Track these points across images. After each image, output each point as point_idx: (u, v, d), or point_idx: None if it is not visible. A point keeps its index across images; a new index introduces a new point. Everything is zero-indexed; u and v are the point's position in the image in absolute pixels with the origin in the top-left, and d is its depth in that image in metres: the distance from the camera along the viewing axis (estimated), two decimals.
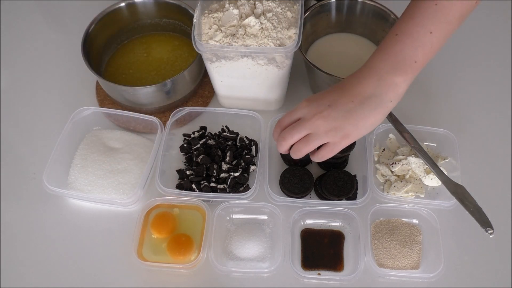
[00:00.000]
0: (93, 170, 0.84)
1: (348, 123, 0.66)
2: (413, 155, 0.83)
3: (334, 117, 0.66)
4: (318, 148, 0.70)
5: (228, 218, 0.81)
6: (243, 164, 0.84)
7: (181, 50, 0.98)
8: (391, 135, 0.87)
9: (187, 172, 0.84)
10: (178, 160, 0.88)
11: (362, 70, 0.67)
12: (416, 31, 0.64)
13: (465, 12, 0.65)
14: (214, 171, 0.83)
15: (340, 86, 0.69)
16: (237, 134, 0.89)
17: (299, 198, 0.81)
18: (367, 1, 0.91)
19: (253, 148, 0.88)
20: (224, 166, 0.84)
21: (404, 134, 0.80)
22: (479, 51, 1.02)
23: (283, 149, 0.71)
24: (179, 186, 0.84)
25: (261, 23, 0.78)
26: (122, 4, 0.95)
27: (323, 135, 0.67)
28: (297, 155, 0.70)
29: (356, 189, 0.82)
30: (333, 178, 0.80)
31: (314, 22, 0.92)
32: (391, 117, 0.82)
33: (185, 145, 0.88)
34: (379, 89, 0.65)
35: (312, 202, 0.81)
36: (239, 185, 0.83)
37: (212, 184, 0.82)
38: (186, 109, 0.89)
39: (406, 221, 0.80)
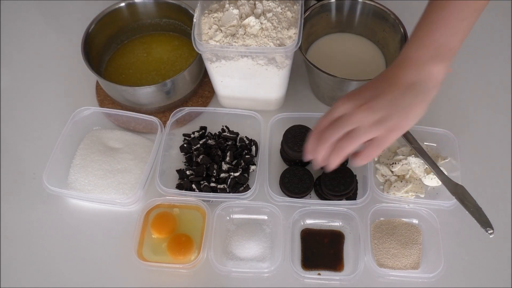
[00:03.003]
0: (93, 170, 0.84)
1: (395, 111, 0.63)
2: (413, 155, 0.83)
3: (380, 106, 0.63)
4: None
5: (228, 218, 0.81)
6: (243, 164, 0.84)
7: (181, 50, 0.98)
8: None
9: (187, 172, 0.84)
10: (178, 160, 0.88)
11: (400, 61, 0.66)
12: (450, 20, 0.64)
13: None
14: (214, 171, 0.83)
15: (379, 78, 0.67)
16: (237, 134, 0.89)
17: (299, 198, 0.81)
18: (367, 1, 0.91)
19: (253, 148, 0.88)
20: (224, 166, 0.84)
21: (404, 134, 0.80)
22: (479, 50, 1.02)
23: (323, 154, 0.65)
24: (179, 186, 0.84)
25: (261, 23, 0.78)
26: (122, 4, 0.95)
27: (369, 128, 0.62)
28: (338, 156, 0.64)
29: (356, 189, 0.82)
30: (331, 175, 0.80)
31: (314, 22, 0.92)
32: None
33: (185, 145, 0.88)
34: (420, 77, 0.64)
35: (312, 202, 0.81)
36: (239, 185, 0.83)
37: (212, 184, 0.82)
38: (186, 109, 0.89)
39: (406, 221, 0.80)
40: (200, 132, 0.90)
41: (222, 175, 0.83)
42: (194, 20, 0.81)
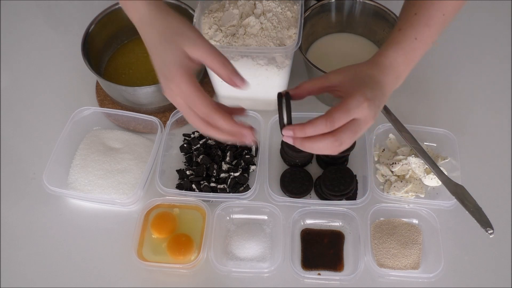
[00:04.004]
0: (93, 170, 0.84)
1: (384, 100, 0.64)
2: (413, 155, 0.83)
3: (378, 105, 0.62)
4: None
5: (228, 218, 0.81)
6: (243, 164, 0.84)
7: None
8: (391, 135, 0.87)
9: (187, 172, 0.84)
10: (178, 160, 0.88)
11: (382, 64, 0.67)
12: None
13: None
14: (214, 171, 0.83)
15: (377, 81, 0.66)
16: None
17: (299, 198, 0.81)
18: (367, 1, 0.91)
19: (253, 148, 0.88)
20: (224, 166, 0.84)
21: (404, 134, 0.80)
22: (479, 51, 1.02)
23: (340, 149, 0.62)
24: (179, 186, 0.84)
25: (261, 23, 0.78)
26: None
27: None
28: (343, 147, 0.61)
29: (356, 189, 0.82)
30: (331, 175, 0.80)
31: (314, 22, 0.92)
32: (391, 117, 0.82)
33: (185, 145, 0.88)
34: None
35: (312, 202, 0.81)
36: (239, 185, 0.83)
37: (212, 184, 0.82)
38: None
39: (406, 221, 0.80)
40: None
41: (222, 175, 0.83)
42: (194, 20, 0.80)
